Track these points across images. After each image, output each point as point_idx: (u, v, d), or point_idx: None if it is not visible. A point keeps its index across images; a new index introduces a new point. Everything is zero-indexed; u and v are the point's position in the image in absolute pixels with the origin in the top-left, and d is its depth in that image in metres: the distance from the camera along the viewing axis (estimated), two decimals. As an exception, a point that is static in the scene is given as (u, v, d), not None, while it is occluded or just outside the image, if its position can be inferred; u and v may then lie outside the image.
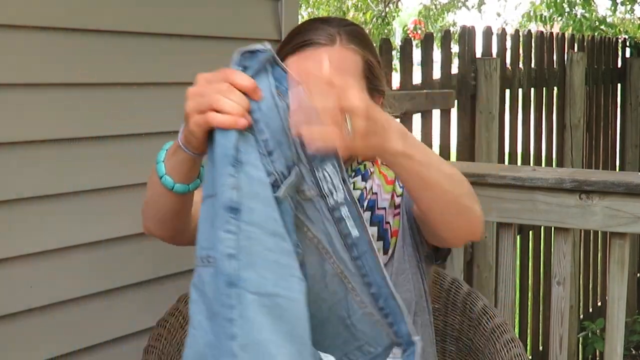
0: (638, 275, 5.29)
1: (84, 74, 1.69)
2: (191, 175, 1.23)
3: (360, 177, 1.51)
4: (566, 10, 7.32)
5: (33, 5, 1.58)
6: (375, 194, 1.50)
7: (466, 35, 3.57)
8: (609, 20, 7.68)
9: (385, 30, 11.54)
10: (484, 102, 3.48)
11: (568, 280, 2.07)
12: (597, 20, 7.56)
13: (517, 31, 4.21)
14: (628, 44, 5.63)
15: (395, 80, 3.38)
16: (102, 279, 1.76)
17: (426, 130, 3.10)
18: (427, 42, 3.24)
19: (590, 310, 4.79)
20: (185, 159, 1.20)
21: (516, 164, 3.99)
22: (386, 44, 2.97)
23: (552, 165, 4.39)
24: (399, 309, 1.18)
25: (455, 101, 3.30)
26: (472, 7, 12.20)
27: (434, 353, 1.52)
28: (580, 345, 4.45)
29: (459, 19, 12.72)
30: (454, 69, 3.51)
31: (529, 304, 4.08)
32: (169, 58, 1.85)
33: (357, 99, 1.05)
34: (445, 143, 3.27)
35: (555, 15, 7.46)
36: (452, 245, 1.38)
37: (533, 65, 4.22)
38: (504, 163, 3.78)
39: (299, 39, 1.45)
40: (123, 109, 1.77)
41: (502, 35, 3.93)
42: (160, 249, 1.65)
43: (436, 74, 3.31)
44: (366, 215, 1.48)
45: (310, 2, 12.46)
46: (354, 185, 1.51)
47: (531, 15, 8.71)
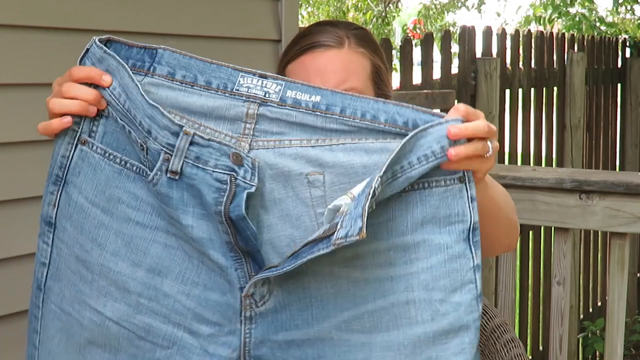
0: (638, 275, 5.29)
1: (84, 74, 1.69)
2: None
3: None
4: (564, 9, 7.32)
5: (33, 5, 1.58)
6: None
7: (466, 35, 3.57)
8: (609, 20, 7.67)
9: (385, 30, 11.54)
10: (484, 102, 3.48)
11: (568, 280, 2.07)
12: (597, 19, 7.56)
13: (517, 31, 4.21)
14: (628, 44, 5.63)
15: (395, 80, 3.38)
16: (102, 279, 1.76)
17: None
18: (427, 42, 3.24)
19: (590, 310, 4.79)
20: None
21: (516, 164, 3.99)
22: (386, 44, 2.97)
23: (552, 165, 4.39)
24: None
25: (456, 101, 3.30)
26: (472, 7, 12.20)
27: None
28: (580, 346, 4.45)
29: (459, 19, 12.72)
30: (454, 69, 3.51)
31: (529, 304, 4.08)
32: (169, 58, 1.85)
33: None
34: (445, 143, 3.27)
35: (554, 16, 7.46)
36: (485, 255, 1.39)
37: (533, 65, 4.22)
38: (503, 163, 3.78)
39: (307, 40, 1.44)
40: (123, 109, 1.77)
41: (502, 35, 3.93)
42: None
43: (436, 74, 3.31)
44: None
45: (311, 2, 12.46)
46: None
47: (530, 18, 8.70)
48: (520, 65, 4.10)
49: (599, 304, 4.89)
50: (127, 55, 1.10)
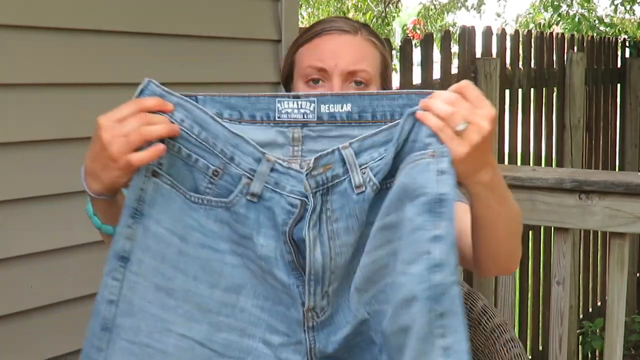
0: (638, 275, 5.29)
1: (83, 74, 1.69)
2: (114, 214, 1.16)
3: None
4: (563, 9, 7.33)
5: (33, 5, 1.58)
6: None
7: (466, 35, 3.57)
8: (607, 20, 7.67)
9: (385, 31, 11.55)
10: (484, 102, 3.48)
11: (568, 280, 2.07)
12: (597, 19, 7.56)
13: (517, 31, 4.21)
14: (628, 44, 5.63)
15: (395, 80, 3.38)
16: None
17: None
18: (427, 42, 3.24)
19: (590, 310, 4.79)
20: (107, 204, 1.17)
21: (516, 164, 3.99)
22: (386, 43, 2.97)
23: (552, 165, 4.39)
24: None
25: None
26: (472, 8, 12.20)
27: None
28: (579, 345, 4.45)
29: (459, 19, 12.73)
30: (454, 69, 3.51)
31: (529, 303, 4.08)
32: (169, 58, 1.85)
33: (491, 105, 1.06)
34: (445, 143, 3.27)
35: (554, 21, 7.46)
36: (482, 272, 1.37)
37: (533, 66, 4.22)
38: (503, 163, 3.78)
39: (321, 26, 1.46)
40: (123, 109, 1.77)
41: (502, 35, 3.93)
42: (160, 249, 1.65)
43: (436, 74, 3.31)
44: None
45: (311, 2, 12.47)
46: None
47: (528, 22, 8.71)
48: (520, 65, 4.10)
49: (599, 303, 4.89)
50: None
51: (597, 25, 7.25)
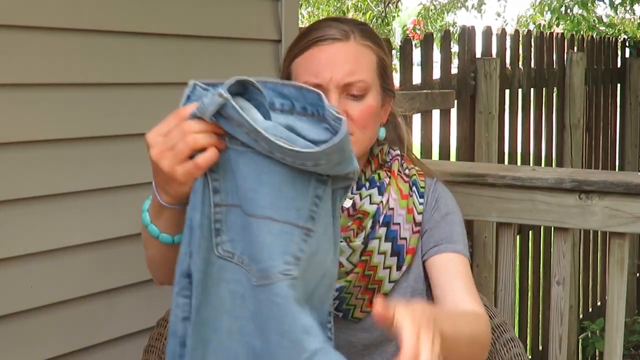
0: (638, 275, 5.29)
1: (83, 74, 1.69)
2: (178, 223, 1.17)
3: (376, 190, 1.49)
4: (562, 8, 7.32)
5: (33, 5, 1.58)
6: (392, 209, 1.48)
7: (466, 35, 3.57)
8: (606, 20, 7.67)
9: (385, 31, 11.55)
10: (484, 102, 3.48)
11: (568, 280, 2.07)
12: (597, 19, 7.57)
13: (517, 31, 4.21)
14: (628, 44, 5.63)
15: (395, 80, 3.38)
16: (102, 279, 1.76)
17: (426, 130, 3.10)
18: (427, 42, 3.24)
19: (590, 310, 4.80)
20: (162, 208, 1.17)
21: (516, 164, 3.99)
22: (386, 44, 2.97)
23: (552, 165, 4.40)
24: None
25: (455, 101, 3.31)
26: (472, 8, 12.20)
27: None
28: (580, 345, 4.45)
29: (459, 19, 12.72)
30: (454, 69, 3.51)
31: (529, 303, 4.09)
32: (169, 58, 1.85)
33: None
34: (445, 143, 3.28)
35: (554, 22, 7.47)
36: None
37: (533, 66, 4.22)
38: (503, 163, 3.78)
39: (312, 35, 1.44)
40: (123, 109, 1.77)
41: (502, 35, 3.93)
42: (160, 248, 1.65)
43: (436, 74, 3.31)
44: (382, 231, 1.47)
45: (310, 2, 12.47)
46: (370, 199, 1.48)
47: (529, 22, 8.72)
48: (520, 65, 4.10)
49: (599, 303, 4.89)
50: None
51: (597, 25, 7.25)
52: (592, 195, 1.96)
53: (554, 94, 4.46)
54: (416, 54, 3.21)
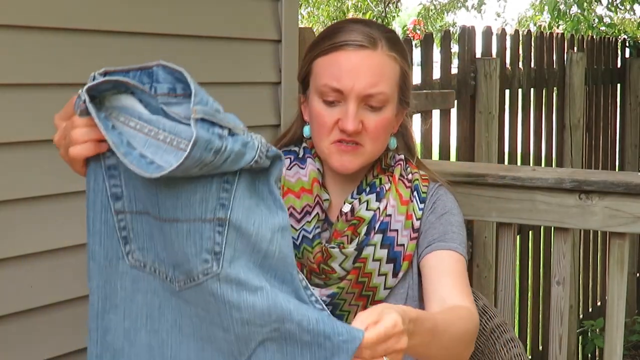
0: (638, 275, 5.29)
1: (83, 74, 1.68)
2: None
3: (374, 196, 1.49)
4: (561, 9, 7.32)
5: (33, 5, 1.58)
6: (390, 215, 1.48)
7: (466, 35, 3.57)
8: (607, 20, 7.67)
9: (385, 31, 11.54)
10: (484, 102, 3.48)
11: (568, 280, 2.07)
12: (597, 18, 7.57)
13: (517, 31, 4.21)
14: (628, 44, 5.63)
15: (395, 80, 3.38)
16: (102, 279, 1.76)
17: (426, 130, 3.10)
18: (427, 42, 3.24)
19: (590, 310, 4.80)
20: None
21: (516, 164, 3.99)
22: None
23: (552, 165, 4.40)
24: None
25: (455, 101, 3.30)
26: (472, 8, 12.21)
27: None
28: (580, 345, 4.45)
29: (459, 19, 12.73)
30: (454, 69, 3.51)
31: (529, 303, 4.08)
32: (169, 58, 1.85)
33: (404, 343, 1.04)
34: (445, 143, 3.28)
35: (554, 23, 7.47)
36: None
37: (533, 66, 4.22)
38: (503, 163, 3.78)
39: (340, 37, 1.42)
40: (123, 109, 1.77)
41: (502, 35, 3.93)
42: (160, 249, 1.64)
43: (436, 74, 3.31)
44: (377, 238, 1.46)
45: (310, 2, 12.47)
46: (367, 205, 1.48)
47: (528, 23, 8.72)
48: (520, 65, 4.10)
49: (599, 303, 4.89)
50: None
51: (597, 25, 7.25)
52: (592, 195, 1.96)
53: (554, 94, 4.46)
54: (416, 54, 3.21)
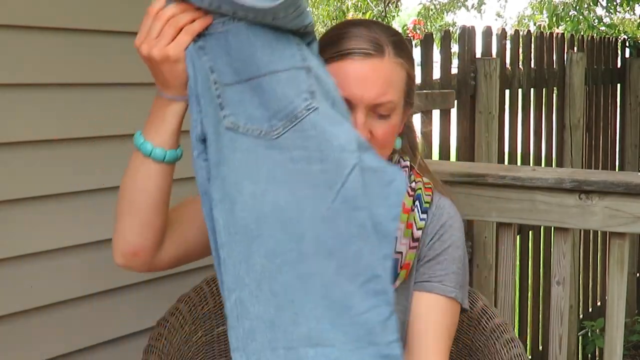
0: (638, 275, 5.29)
1: (83, 74, 1.69)
2: (176, 131, 1.26)
3: None
4: (561, 15, 7.33)
5: (33, 5, 1.58)
6: None
7: (466, 35, 3.57)
8: (607, 20, 7.68)
9: (385, 30, 11.53)
10: (484, 102, 3.48)
11: (568, 280, 2.07)
12: (597, 18, 7.57)
13: (517, 31, 4.21)
14: (628, 44, 5.63)
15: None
16: (102, 279, 1.76)
17: (426, 130, 3.10)
18: (427, 42, 3.24)
19: (590, 310, 4.80)
20: (167, 107, 1.25)
21: (516, 164, 3.99)
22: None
23: (552, 165, 4.40)
24: None
25: (455, 101, 3.30)
26: (472, 7, 12.21)
27: None
28: (580, 345, 4.45)
29: (459, 19, 12.73)
30: (454, 69, 3.51)
31: (529, 303, 4.09)
32: (168, 58, 1.85)
33: None
34: (445, 143, 3.28)
35: (552, 22, 7.47)
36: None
37: (533, 66, 4.22)
38: (503, 163, 3.78)
39: (346, 44, 1.39)
40: (123, 109, 1.77)
41: (502, 35, 3.93)
42: (160, 249, 1.64)
43: (436, 74, 3.31)
44: None
45: (310, 2, 12.47)
46: None
47: (528, 23, 8.72)
48: (520, 65, 4.10)
49: (599, 303, 4.89)
50: None
51: (597, 25, 7.25)
52: (592, 195, 1.96)
53: (554, 94, 4.46)
54: (416, 54, 3.21)
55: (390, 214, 1.18)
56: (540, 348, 4.12)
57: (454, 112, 3.31)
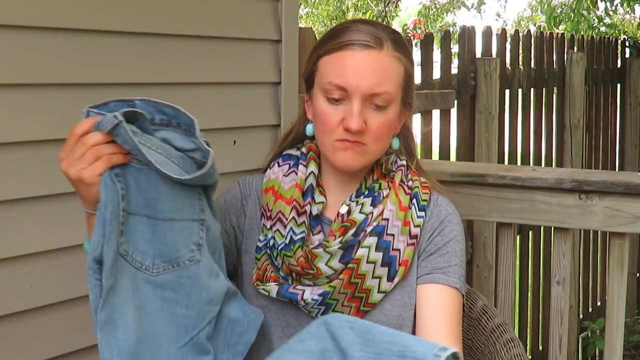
0: (638, 275, 5.29)
1: (83, 74, 1.69)
2: None
3: (369, 201, 1.49)
4: (559, 19, 7.34)
5: (33, 5, 1.58)
6: (387, 219, 1.47)
7: (466, 35, 3.57)
8: (607, 20, 7.68)
9: (385, 30, 11.52)
10: (484, 102, 3.48)
11: (568, 280, 2.07)
12: (597, 18, 7.57)
13: (517, 31, 4.21)
14: (628, 44, 5.63)
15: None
16: (102, 279, 1.76)
17: (426, 130, 3.10)
18: (427, 42, 3.24)
19: (590, 310, 4.80)
20: (89, 218, 1.33)
21: (516, 164, 3.99)
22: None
23: (552, 165, 4.40)
24: None
25: (455, 101, 3.31)
26: (472, 7, 12.20)
27: None
28: (580, 345, 4.45)
29: (459, 19, 12.73)
30: (454, 69, 3.51)
31: (529, 304, 4.09)
32: (169, 58, 1.85)
33: None
34: (445, 143, 3.28)
35: (551, 23, 7.47)
36: None
37: (533, 66, 4.22)
38: (503, 163, 3.78)
39: (346, 37, 1.43)
40: (123, 109, 1.77)
41: (502, 35, 3.93)
42: (160, 249, 1.64)
43: (436, 74, 3.31)
44: (372, 240, 1.46)
45: (309, 3, 12.46)
46: (361, 208, 1.48)
47: (527, 23, 8.72)
48: (520, 65, 4.10)
49: (599, 303, 4.89)
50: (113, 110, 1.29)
51: (597, 25, 7.25)
52: (592, 195, 1.96)
53: (554, 94, 4.46)
54: (416, 54, 3.21)
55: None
56: (540, 348, 4.12)
57: (454, 112, 3.31)
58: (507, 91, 3.91)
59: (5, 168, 1.56)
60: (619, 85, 5.33)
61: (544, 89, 4.32)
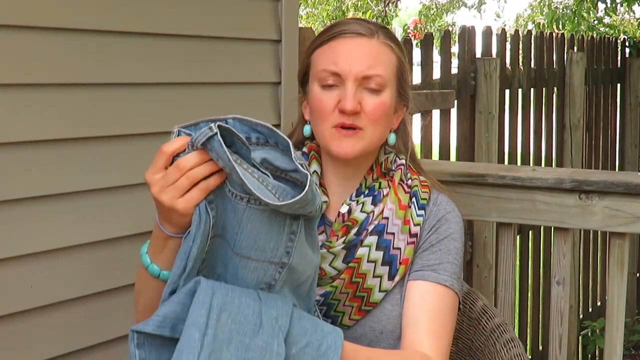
0: (638, 275, 5.30)
1: (83, 74, 1.69)
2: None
3: (370, 199, 1.49)
4: (558, 17, 7.34)
5: (33, 5, 1.58)
6: (387, 218, 1.48)
7: (466, 35, 3.57)
8: (607, 20, 7.68)
9: (385, 30, 11.53)
10: (484, 102, 3.48)
11: (568, 280, 2.07)
12: (596, 18, 7.57)
13: (517, 31, 4.21)
14: (628, 44, 5.63)
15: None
16: (102, 279, 1.76)
17: (426, 130, 3.10)
18: (427, 42, 3.24)
19: (590, 310, 4.80)
20: (166, 239, 1.24)
21: (516, 164, 3.99)
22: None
23: (552, 165, 4.40)
24: None
25: (455, 101, 3.30)
26: (472, 7, 12.21)
27: None
28: (580, 345, 4.45)
29: (459, 19, 12.73)
30: (454, 69, 3.51)
31: (529, 303, 4.09)
32: (169, 58, 1.85)
33: None
34: (445, 143, 3.28)
35: (552, 24, 7.48)
36: None
37: (533, 66, 4.22)
38: (503, 163, 3.78)
39: (338, 29, 1.47)
40: (123, 109, 1.77)
41: (502, 35, 3.93)
42: (160, 249, 1.64)
43: (436, 74, 3.31)
44: (372, 239, 1.46)
45: (309, 3, 12.47)
46: (362, 207, 1.49)
47: (527, 23, 8.72)
48: (520, 65, 4.10)
49: (599, 303, 4.90)
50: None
51: (597, 25, 7.25)
52: (592, 195, 1.96)
53: (554, 94, 4.46)
54: (416, 54, 3.21)
55: None
56: (540, 348, 4.12)
57: (454, 112, 3.31)
58: (507, 91, 3.91)
59: (5, 168, 1.56)
60: (619, 85, 5.33)
61: (544, 89, 4.32)
